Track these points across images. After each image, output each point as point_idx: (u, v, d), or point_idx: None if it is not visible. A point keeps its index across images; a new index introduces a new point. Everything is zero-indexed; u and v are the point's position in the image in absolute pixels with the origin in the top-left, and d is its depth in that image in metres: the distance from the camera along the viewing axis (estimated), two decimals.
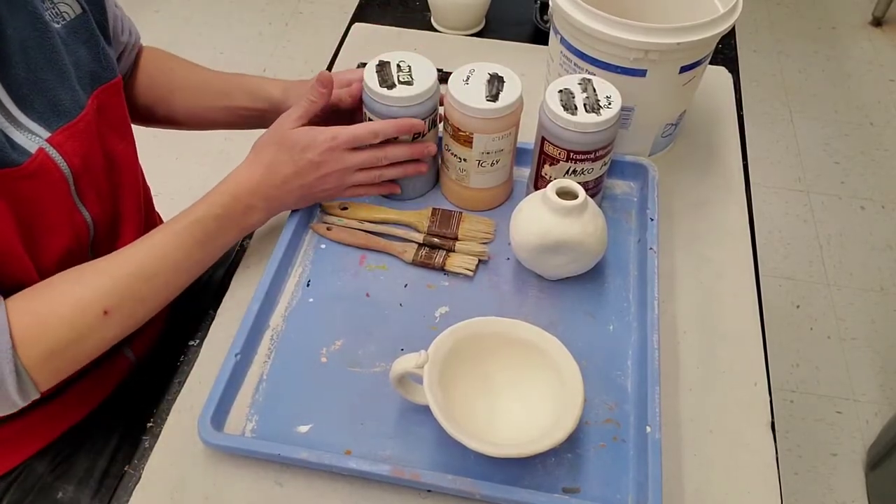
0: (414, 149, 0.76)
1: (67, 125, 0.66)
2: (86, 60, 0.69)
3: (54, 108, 0.65)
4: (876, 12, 2.53)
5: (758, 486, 0.63)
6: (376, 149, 0.74)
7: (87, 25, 0.69)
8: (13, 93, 0.62)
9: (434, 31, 1.09)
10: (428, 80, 0.73)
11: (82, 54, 0.69)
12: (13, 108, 0.62)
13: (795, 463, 1.50)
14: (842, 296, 1.78)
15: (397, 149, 0.75)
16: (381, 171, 0.76)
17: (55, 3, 0.67)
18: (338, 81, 0.77)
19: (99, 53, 0.71)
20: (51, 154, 0.64)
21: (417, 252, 0.77)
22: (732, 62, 1.04)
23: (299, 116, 0.73)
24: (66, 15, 0.68)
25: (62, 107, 0.65)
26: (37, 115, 0.64)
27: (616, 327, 0.72)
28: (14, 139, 0.61)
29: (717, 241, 0.81)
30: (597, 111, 0.71)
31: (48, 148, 0.64)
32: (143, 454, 0.64)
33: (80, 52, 0.68)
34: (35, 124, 0.63)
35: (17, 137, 0.62)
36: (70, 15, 0.68)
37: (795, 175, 2.07)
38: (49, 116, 0.64)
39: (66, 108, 0.66)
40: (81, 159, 0.67)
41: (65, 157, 0.65)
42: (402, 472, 0.59)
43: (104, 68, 0.71)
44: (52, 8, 0.66)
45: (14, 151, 0.61)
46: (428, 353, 0.61)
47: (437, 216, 0.80)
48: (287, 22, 2.49)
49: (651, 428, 0.61)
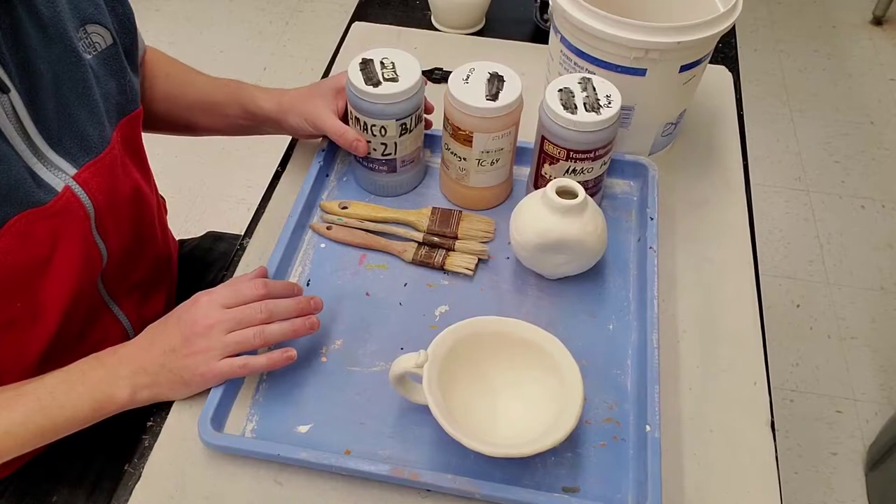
0: (300, 304, 0.66)
1: (94, 161, 0.65)
2: (114, 93, 0.68)
3: (82, 143, 0.64)
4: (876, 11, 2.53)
5: (757, 486, 0.63)
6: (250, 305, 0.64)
7: (117, 56, 0.68)
8: (43, 129, 0.60)
9: (434, 29, 1.09)
10: (413, 77, 0.74)
11: (111, 87, 0.68)
12: (42, 145, 0.61)
13: (795, 462, 1.50)
14: (842, 295, 1.78)
15: (280, 304, 0.65)
16: (259, 333, 0.63)
17: (89, 33, 0.65)
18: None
19: (125, 85, 0.70)
20: (76, 191, 0.63)
21: (417, 251, 0.77)
22: (733, 61, 1.04)
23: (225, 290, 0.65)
24: (98, 46, 0.66)
25: (90, 142, 0.64)
26: (64, 151, 0.63)
27: (616, 326, 0.72)
28: (41, 177, 0.60)
29: (717, 241, 0.81)
30: (597, 110, 0.71)
31: (74, 185, 0.63)
32: (143, 454, 0.64)
33: (109, 84, 0.67)
34: (62, 160, 0.62)
35: (44, 175, 0.61)
36: (102, 45, 0.66)
37: (795, 174, 2.07)
38: (76, 152, 0.63)
39: (93, 144, 0.65)
40: (105, 195, 0.67)
41: (89, 195, 0.64)
42: (402, 472, 0.59)
43: (129, 100, 0.70)
44: (86, 38, 0.64)
45: (40, 190, 0.60)
46: (427, 352, 0.61)
47: (437, 215, 0.80)
48: (287, 21, 2.49)
49: (651, 427, 0.61)
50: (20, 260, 0.60)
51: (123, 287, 0.77)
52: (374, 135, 0.76)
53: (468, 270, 0.75)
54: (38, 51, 0.59)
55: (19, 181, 0.58)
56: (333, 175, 0.85)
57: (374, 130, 0.76)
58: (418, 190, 0.85)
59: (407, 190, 0.84)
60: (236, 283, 0.66)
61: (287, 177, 0.86)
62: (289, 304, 0.65)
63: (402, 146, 0.78)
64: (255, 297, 0.64)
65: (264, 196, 0.84)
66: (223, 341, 0.62)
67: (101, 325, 0.75)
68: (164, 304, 0.86)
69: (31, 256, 0.61)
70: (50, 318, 0.66)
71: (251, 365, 0.63)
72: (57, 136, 0.62)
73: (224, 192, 1.95)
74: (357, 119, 0.76)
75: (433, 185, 0.85)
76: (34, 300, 0.64)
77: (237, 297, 0.64)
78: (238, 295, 0.64)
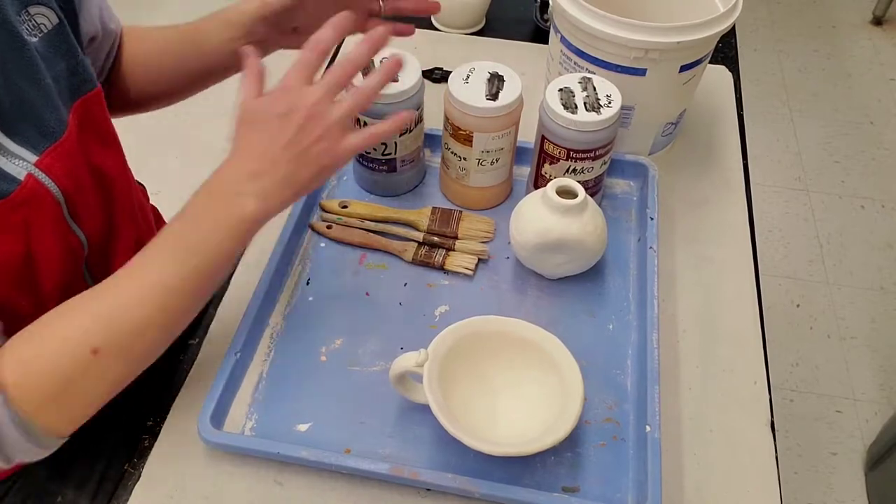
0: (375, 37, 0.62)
1: (54, 146, 0.62)
2: (65, 74, 0.65)
3: (40, 129, 0.61)
4: (876, 11, 2.53)
5: (757, 485, 0.63)
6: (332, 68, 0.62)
7: (64, 36, 0.65)
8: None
9: (434, 29, 1.09)
10: (413, 76, 0.74)
11: (61, 68, 0.65)
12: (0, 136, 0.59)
13: (795, 462, 1.50)
14: (842, 295, 1.78)
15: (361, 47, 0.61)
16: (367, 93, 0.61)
17: (32, 14, 0.62)
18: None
19: (77, 65, 0.66)
20: (40, 178, 0.61)
21: (417, 251, 0.77)
22: (732, 61, 1.04)
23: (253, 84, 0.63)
24: (43, 27, 0.63)
25: (47, 127, 0.62)
26: (22, 139, 0.60)
27: (616, 326, 0.72)
28: (2, 168, 0.58)
29: (717, 241, 0.81)
30: (597, 110, 0.71)
31: (37, 172, 0.60)
32: (143, 453, 0.64)
33: (59, 65, 0.64)
34: (21, 149, 0.60)
35: (5, 165, 0.59)
36: (47, 26, 0.63)
37: (795, 174, 2.07)
38: (35, 139, 0.61)
39: (51, 129, 0.62)
40: (71, 179, 0.64)
41: (54, 180, 0.62)
42: (402, 471, 0.59)
43: (83, 80, 0.67)
44: (29, 20, 0.61)
45: (3, 181, 0.58)
46: (428, 351, 0.61)
47: (437, 215, 0.80)
48: None
49: (651, 427, 0.61)
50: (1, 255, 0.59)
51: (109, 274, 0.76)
52: None
53: (468, 270, 0.75)
54: None
55: None
56: (333, 174, 0.86)
57: None
58: (418, 190, 0.85)
59: (407, 190, 0.84)
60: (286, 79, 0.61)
61: None
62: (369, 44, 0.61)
63: (402, 146, 0.78)
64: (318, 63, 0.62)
65: None
66: (341, 110, 0.59)
67: None
68: None
69: (10, 250, 0.59)
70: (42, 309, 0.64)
71: (380, 132, 0.61)
72: (12, 124, 0.59)
73: None
74: (357, 119, 0.76)
75: (433, 184, 0.85)
76: (35, 296, 0.64)
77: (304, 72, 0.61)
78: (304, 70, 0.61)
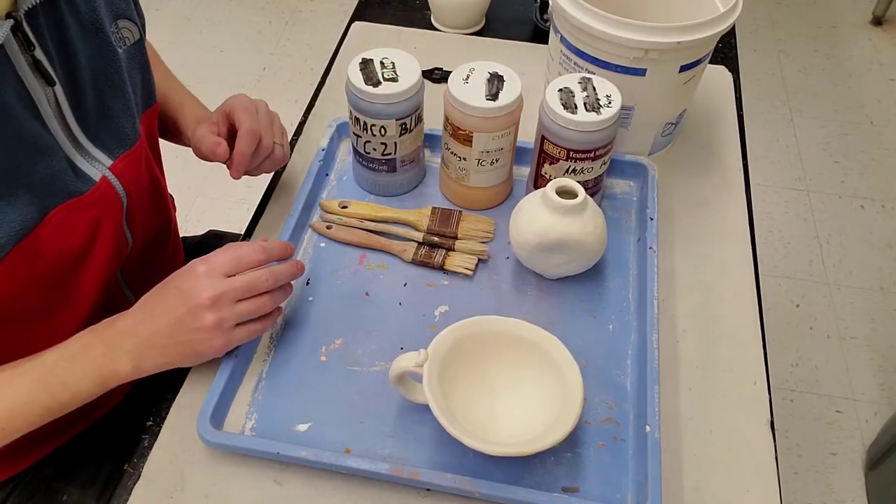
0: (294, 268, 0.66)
1: (127, 153, 0.67)
2: (140, 86, 0.70)
3: (117, 136, 0.66)
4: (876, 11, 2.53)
5: (757, 486, 0.63)
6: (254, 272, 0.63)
7: (142, 51, 0.70)
8: (82, 121, 0.62)
9: (434, 29, 1.09)
10: (413, 76, 0.74)
11: (137, 81, 0.69)
12: (81, 138, 0.62)
13: (795, 462, 1.50)
14: (841, 295, 1.78)
15: (283, 270, 0.65)
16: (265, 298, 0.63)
17: (120, 28, 0.66)
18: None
19: (149, 79, 0.71)
20: (112, 181, 0.65)
21: (417, 251, 0.77)
22: (732, 61, 1.04)
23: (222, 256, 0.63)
24: (127, 40, 0.67)
25: (124, 134, 0.66)
26: (101, 143, 0.64)
27: (616, 326, 0.72)
28: (80, 167, 0.62)
29: (716, 241, 0.81)
30: (597, 110, 0.71)
31: (110, 176, 0.65)
32: (143, 453, 0.64)
33: (136, 78, 0.69)
34: (99, 152, 0.64)
35: (83, 166, 0.62)
36: (130, 40, 0.68)
37: (795, 174, 2.07)
38: (112, 144, 0.65)
39: (127, 136, 0.67)
40: (135, 185, 0.68)
41: (123, 185, 0.66)
42: (402, 471, 0.59)
43: (150, 94, 0.72)
44: (117, 32, 0.66)
45: (79, 180, 0.62)
46: (427, 351, 0.61)
47: (437, 215, 0.80)
48: (287, 20, 2.49)
49: (650, 427, 0.61)
50: (61, 250, 0.61)
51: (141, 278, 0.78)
52: (374, 135, 0.76)
53: (468, 270, 0.75)
54: (78, 45, 0.60)
55: (60, 172, 0.60)
56: (333, 174, 0.86)
57: (374, 130, 0.76)
58: (418, 190, 0.85)
59: (407, 190, 0.84)
60: (234, 248, 0.64)
61: (287, 176, 0.87)
62: (287, 269, 0.65)
63: (402, 146, 0.78)
64: (257, 262, 0.63)
65: (264, 196, 0.85)
66: (235, 311, 0.61)
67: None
68: None
69: (71, 247, 0.63)
70: (81, 306, 0.68)
71: (263, 324, 0.64)
72: (95, 128, 0.63)
73: (224, 192, 1.95)
74: (357, 119, 0.76)
75: (433, 184, 0.85)
76: (69, 290, 0.65)
77: (238, 264, 0.62)
78: (239, 262, 0.62)
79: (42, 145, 0.58)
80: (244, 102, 0.74)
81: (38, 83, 0.57)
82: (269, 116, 0.76)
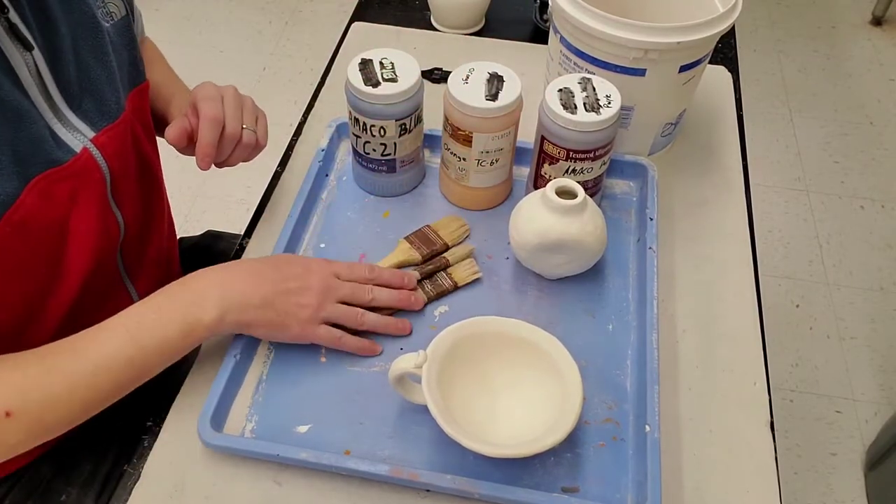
0: (402, 296, 0.70)
1: (110, 126, 0.67)
2: (126, 62, 0.70)
3: (100, 107, 0.66)
4: (876, 11, 2.53)
5: (757, 486, 0.63)
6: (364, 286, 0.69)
7: (129, 27, 0.70)
8: (64, 90, 0.62)
9: (434, 30, 1.09)
10: (412, 77, 0.74)
11: (124, 56, 0.70)
12: (63, 106, 0.63)
13: (795, 462, 1.50)
14: (841, 295, 1.78)
15: (384, 292, 0.69)
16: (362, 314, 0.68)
17: (105, 2, 0.67)
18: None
19: (136, 56, 0.72)
20: (94, 154, 0.65)
21: (425, 290, 0.73)
22: (732, 61, 1.04)
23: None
24: (114, 15, 0.68)
25: (107, 107, 0.66)
26: (83, 113, 0.64)
27: (615, 327, 0.72)
28: (60, 136, 0.62)
29: (716, 241, 0.81)
30: (596, 110, 0.71)
31: (92, 148, 0.64)
32: (143, 454, 0.64)
33: (122, 53, 0.69)
34: (81, 122, 0.64)
35: (63, 135, 0.62)
36: (117, 15, 0.69)
37: (795, 174, 2.07)
38: (95, 116, 0.65)
39: (110, 109, 0.67)
40: (120, 160, 0.68)
41: (106, 158, 0.66)
42: (401, 472, 0.59)
43: (138, 71, 0.72)
44: (103, 7, 0.67)
45: (59, 150, 0.62)
46: (427, 352, 0.61)
47: (417, 240, 0.77)
48: (287, 21, 2.49)
49: (650, 427, 0.61)
50: (42, 221, 0.61)
51: (139, 264, 0.78)
52: (373, 135, 0.76)
53: (477, 273, 0.75)
54: (58, 12, 0.61)
55: (40, 139, 0.60)
56: (333, 175, 0.86)
57: (374, 131, 0.76)
58: (418, 190, 0.85)
59: (406, 190, 0.84)
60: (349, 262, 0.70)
61: (287, 177, 0.87)
62: (392, 295, 0.70)
63: (402, 146, 0.78)
64: (366, 279, 0.69)
65: (264, 196, 0.85)
66: (332, 308, 0.66)
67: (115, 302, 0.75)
68: None
69: (52, 218, 0.62)
70: (71, 286, 0.67)
71: (345, 342, 0.67)
72: (77, 98, 0.64)
73: (224, 192, 1.95)
74: (356, 119, 0.76)
75: (433, 185, 0.85)
76: (57, 266, 0.65)
77: (351, 272, 0.68)
78: (352, 271, 0.69)
79: (22, 111, 0.58)
80: (208, 90, 0.72)
81: (15, 48, 0.57)
82: (236, 102, 0.72)
